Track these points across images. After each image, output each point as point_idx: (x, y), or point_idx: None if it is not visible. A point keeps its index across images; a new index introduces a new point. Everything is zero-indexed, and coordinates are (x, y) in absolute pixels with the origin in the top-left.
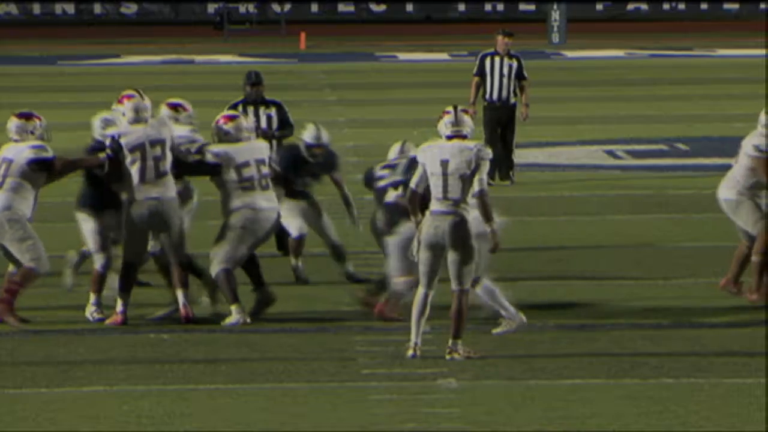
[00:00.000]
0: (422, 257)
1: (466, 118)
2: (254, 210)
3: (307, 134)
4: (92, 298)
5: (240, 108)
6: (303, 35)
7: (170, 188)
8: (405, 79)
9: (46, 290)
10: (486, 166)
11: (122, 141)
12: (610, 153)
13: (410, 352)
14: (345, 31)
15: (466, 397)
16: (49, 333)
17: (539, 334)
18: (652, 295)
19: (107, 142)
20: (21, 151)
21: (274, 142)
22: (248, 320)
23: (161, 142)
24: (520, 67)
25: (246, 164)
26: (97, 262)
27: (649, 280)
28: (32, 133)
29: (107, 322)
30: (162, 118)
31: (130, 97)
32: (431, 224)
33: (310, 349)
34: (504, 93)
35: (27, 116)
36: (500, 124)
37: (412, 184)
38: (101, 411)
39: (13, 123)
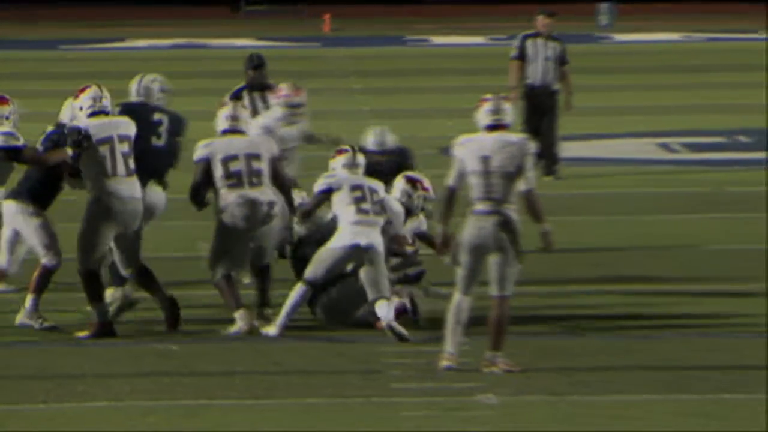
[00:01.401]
0: (464, 260)
1: (507, 106)
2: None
3: (369, 139)
4: (30, 300)
5: (244, 95)
6: (327, 17)
7: (137, 186)
8: (438, 65)
9: (45, 296)
10: (531, 162)
11: (84, 132)
12: (663, 146)
13: (445, 363)
14: (373, 13)
15: (506, 414)
16: (47, 343)
17: (582, 345)
18: (702, 302)
19: (73, 137)
20: None
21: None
22: (255, 324)
23: (129, 139)
24: (563, 51)
25: (234, 158)
26: (48, 259)
27: (700, 284)
28: (7, 118)
29: (80, 334)
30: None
31: (86, 88)
32: (474, 225)
33: (333, 361)
34: (547, 77)
35: (1, 100)
36: (541, 112)
37: (449, 182)
38: (105, 428)
39: None
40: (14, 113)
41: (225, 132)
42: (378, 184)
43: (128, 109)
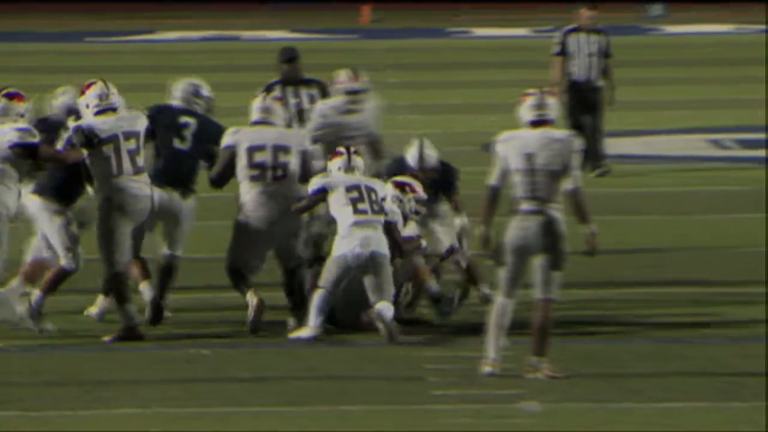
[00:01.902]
0: (506, 262)
1: (551, 101)
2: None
3: (409, 155)
4: (37, 297)
5: (277, 89)
6: (367, 8)
7: (146, 184)
8: (479, 58)
9: (72, 298)
10: (578, 159)
11: (92, 134)
12: (714, 142)
13: (487, 369)
14: (411, 4)
15: (550, 422)
16: (73, 349)
17: (630, 350)
18: (756, 305)
19: (79, 138)
20: (4, 134)
21: None
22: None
23: (136, 135)
24: (606, 44)
25: (261, 148)
26: (66, 261)
27: (753, 287)
28: (22, 116)
29: (106, 338)
30: (135, 113)
31: (91, 85)
32: (518, 225)
33: (369, 366)
34: (590, 73)
35: (16, 96)
36: (585, 109)
37: (492, 180)
38: None
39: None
40: (30, 110)
41: (255, 123)
42: (377, 184)
43: (155, 111)
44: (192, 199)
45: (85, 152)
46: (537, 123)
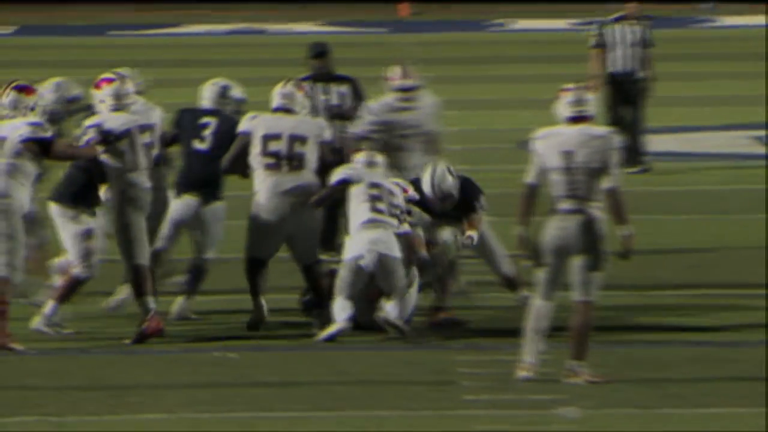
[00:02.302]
0: (544, 263)
1: (590, 97)
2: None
3: (424, 180)
4: (51, 307)
5: (306, 84)
6: (405, 5)
7: (162, 179)
8: (517, 51)
9: (95, 299)
10: (618, 157)
11: (106, 130)
12: (759, 139)
13: (523, 374)
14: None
15: (589, 428)
16: (96, 352)
17: (672, 353)
18: None
19: (88, 136)
20: (16, 128)
21: (347, 125)
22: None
23: (151, 128)
24: (647, 34)
25: (277, 137)
26: (80, 270)
27: None
28: (32, 109)
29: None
30: (148, 105)
31: (108, 81)
32: (556, 225)
33: (401, 370)
34: (630, 64)
35: (26, 89)
36: (626, 102)
37: (529, 179)
38: None
39: (9, 96)
40: (38, 103)
41: (276, 110)
42: (397, 188)
43: (178, 114)
44: (217, 202)
45: (100, 148)
46: (575, 119)
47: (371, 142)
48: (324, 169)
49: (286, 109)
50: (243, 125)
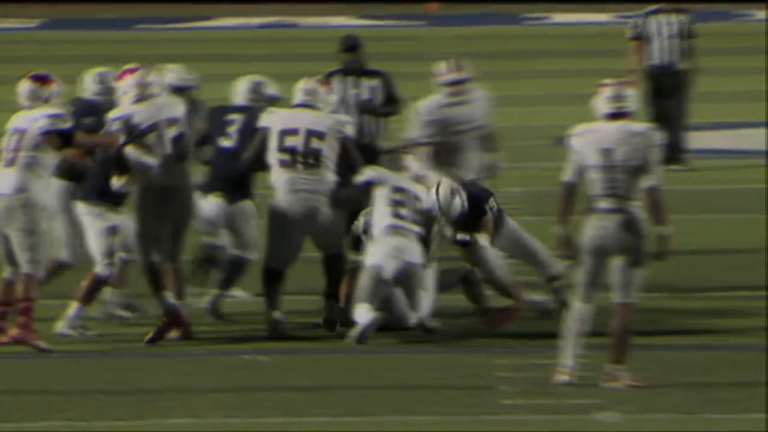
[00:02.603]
0: (584, 264)
1: (629, 92)
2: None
3: (431, 201)
4: (74, 309)
5: (335, 80)
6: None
7: (188, 174)
8: (557, 45)
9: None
10: (658, 154)
11: (132, 123)
12: None
13: (563, 378)
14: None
15: None
16: (122, 355)
17: (717, 357)
18: None
19: (113, 126)
20: (35, 120)
21: (381, 121)
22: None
23: (178, 121)
24: (688, 25)
25: (293, 132)
26: (102, 268)
27: None
28: (46, 100)
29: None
30: (172, 99)
31: (131, 71)
32: (596, 225)
33: (436, 374)
34: (670, 56)
35: (42, 80)
36: (666, 95)
37: (567, 177)
38: None
39: (25, 87)
40: (57, 95)
41: (296, 105)
42: (423, 193)
43: (208, 113)
44: (245, 201)
45: (120, 138)
46: (614, 116)
47: (428, 146)
48: (347, 166)
49: (307, 105)
50: (262, 121)
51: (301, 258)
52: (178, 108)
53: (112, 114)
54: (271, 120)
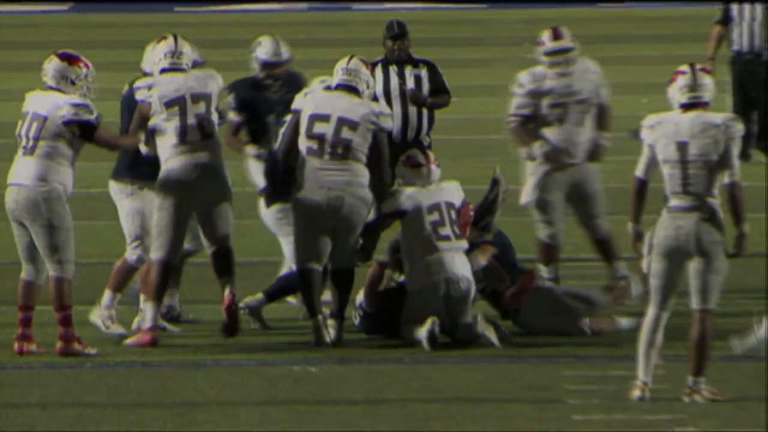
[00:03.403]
0: (656, 268)
1: (707, 80)
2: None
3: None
4: (107, 297)
5: (378, 69)
6: None
7: (216, 153)
8: (631, 30)
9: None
10: (737, 148)
11: (155, 93)
12: None
13: (637, 393)
14: None
15: None
16: (160, 365)
17: None
18: None
19: (137, 95)
20: (58, 107)
21: (425, 113)
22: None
23: (206, 97)
24: None
25: (324, 118)
26: (130, 253)
27: None
28: (73, 83)
29: (129, 341)
30: (209, 72)
31: (163, 39)
32: (670, 224)
33: (502, 387)
34: (755, 42)
35: (71, 59)
36: (752, 84)
37: (639, 172)
38: None
39: (52, 65)
40: (84, 78)
41: (336, 87)
42: (453, 193)
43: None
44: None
45: (142, 136)
46: (690, 106)
47: (529, 121)
48: (376, 162)
49: (347, 87)
50: (296, 103)
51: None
52: (210, 83)
53: (137, 83)
54: (305, 103)
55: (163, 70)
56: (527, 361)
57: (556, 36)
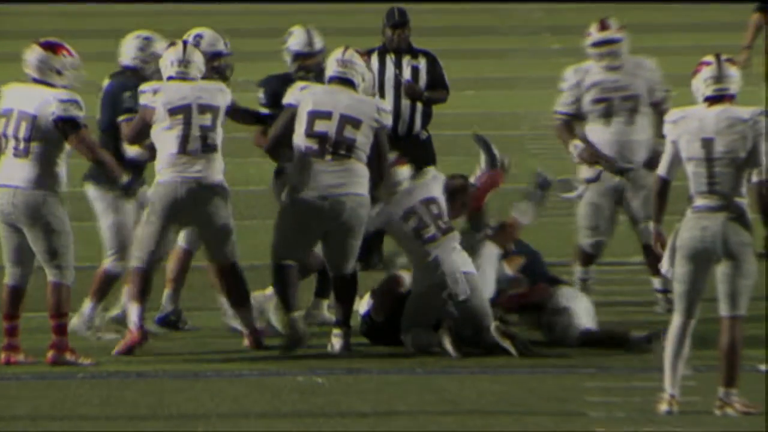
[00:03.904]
0: (680, 272)
1: (733, 71)
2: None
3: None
4: (88, 306)
5: (374, 58)
6: None
7: (217, 169)
8: (657, 18)
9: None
10: (766, 144)
11: (160, 98)
12: None
13: (664, 407)
14: None
15: None
16: (157, 375)
17: None
18: None
19: (141, 100)
20: (47, 103)
21: (419, 108)
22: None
23: (213, 110)
24: None
25: (326, 115)
26: (110, 263)
27: None
28: (59, 72)
29: (117, 349)
30: (219, 85)
31: (172, 45)
32: (695, 225)
33: (520, 399)
34: None
35: (53, 47)
36: None
37: (661, 171)
38: None
39: (34, 54)
40: (70, 67)
41: (331, 79)
42: (429, 187)
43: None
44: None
45: (125, 176)
46: (715, 99)
47: (574, 119)
48: (377, 161)
49: (343, 80)
50: (289, 96)
51: None
52: (219, 96)
53: (142, 87)
54: (301, 97)
55: (170, 78)
56: (547, 372)
57: (603, 26)
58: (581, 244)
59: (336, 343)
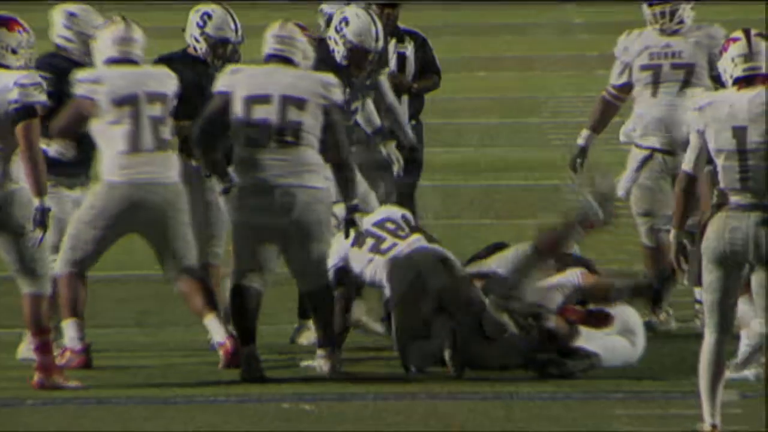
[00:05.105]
0: (708, 280)
1: (764, 47)
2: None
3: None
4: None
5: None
6: None
7: (172, 165)
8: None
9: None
10: None
11: (103, 89)
12: None
13: None
14: None
15: None
16: (119, 402)
17: None
18: None
19: (78, 90)
20: (6, 89)
21: (406, 100)
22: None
23: (162, 98)
24: None
25: (265, 99)
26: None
27: None
28: (14, 51)
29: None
30: (164, 70)
31: (111, 22)
32: (723, 226)
33: (540, 428)
34: None
35: (6, 23)
36: None
37: (686, 165)
38: None
39: None
40: (27, 46)
41: (268, 58)
42: (384, 213)
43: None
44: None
45: (60, 145)
46: (746, 79)
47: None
48: (332, 147)
49: (282, 58)
50: (221, 82)
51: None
52: (168, 82)
53: (79, 74)
54: (233, 82)
55: (111, 60)
56: (570, 397)
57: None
58: (642, 241)
59: (324, 364)
